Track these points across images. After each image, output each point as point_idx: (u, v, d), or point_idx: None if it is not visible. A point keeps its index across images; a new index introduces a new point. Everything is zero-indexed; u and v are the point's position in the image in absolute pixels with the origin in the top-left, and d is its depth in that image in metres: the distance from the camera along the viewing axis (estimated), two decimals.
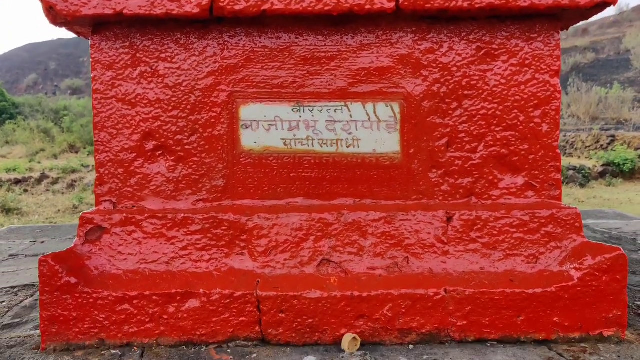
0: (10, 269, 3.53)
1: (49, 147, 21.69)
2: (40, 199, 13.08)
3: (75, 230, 4.89)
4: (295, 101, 2.28)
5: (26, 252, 4.11)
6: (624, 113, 20.88)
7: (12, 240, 4.62)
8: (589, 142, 18.06)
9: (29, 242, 4.56)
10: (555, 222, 2.20)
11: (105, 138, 2.28)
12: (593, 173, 14.97)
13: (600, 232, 4.32)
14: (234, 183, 2.30)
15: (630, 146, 16.68)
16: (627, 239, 4.03)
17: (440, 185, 2.28)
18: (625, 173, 14.92)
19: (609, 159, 15.30)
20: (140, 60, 2.26)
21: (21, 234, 4.95)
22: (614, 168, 15.01)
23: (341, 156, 2.29)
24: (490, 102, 2.25)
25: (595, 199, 12.67)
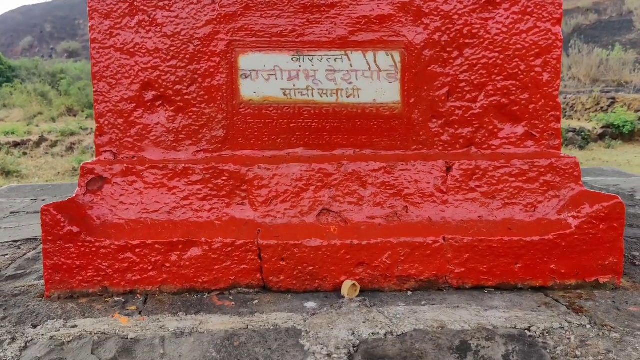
0: (12, 224, 3.56)
1: (46, 110, 21.57)
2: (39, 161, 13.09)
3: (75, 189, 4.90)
4: (294, 50, 2.26)
5: (27, 209, 4.14)
6: (625, 75, 20.72)
7: (13, 199, 4.64)
8: (589, 104, 17.97)
9: (30, 200, 4.58)
10: (554, 171, 2.21)
11: (104, 88, 2.26)
12: (592, 135, 14.96)
13: (598, 188, 4.34)
14: (233, 133, 2.30)
15: (630, 108, 16.61)
16: (625, 195, 4.05)
17: (440, 135, 2.28)
18: (624, 135, 14.90)
19: (608, 121, 15.26)
20: (138, 8, 2.23)
21: (22, 193, 4.97)
22: (614, 130, 14.99)
23: (341, 106, 2.28)
24: (492, 51, 2.23)
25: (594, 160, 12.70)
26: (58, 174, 11.67)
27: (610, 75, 21.10)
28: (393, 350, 1.68)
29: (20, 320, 1.95)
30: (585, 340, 1.73)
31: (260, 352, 1.70)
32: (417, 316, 1.90)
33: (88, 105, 21.43)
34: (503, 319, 1.87)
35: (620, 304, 2.01)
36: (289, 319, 1.91)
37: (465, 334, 1.77)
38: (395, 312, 1.94)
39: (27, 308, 2.05)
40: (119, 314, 1.98)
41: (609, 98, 17.70)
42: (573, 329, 1.80)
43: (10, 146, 14.15)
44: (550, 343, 1.72)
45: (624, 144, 14.77)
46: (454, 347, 1.70)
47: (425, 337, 1.76)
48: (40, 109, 21.53)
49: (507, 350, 1.68)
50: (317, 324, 1.86)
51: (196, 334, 1.81)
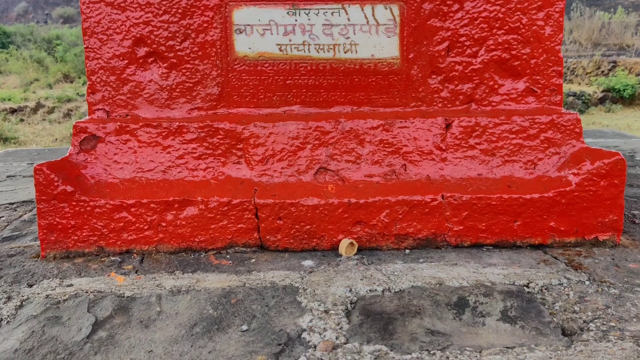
0: (9, 188, 3.53)
1: (43, 76, 21.37)
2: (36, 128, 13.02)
3: None
4: (290, 3, 2.19)
5: (24, 173, 4.11)
6: (627, 39, 20.48)
7: (9, 163, 4.61)
8: (590, 68, 17.81)
9: (27, 164, 4.55)
10: (555, 127, 2.17)
11: (95, 44, 2.21)
12: (593, 99, 14.86)
13: None
14: (228, 91, 2.25)
15: (632, 72, 16.47)
16: (626, 156, 4.02)
17: (440, 91, 2.23)
18: (625, 99, 14.80)
19: (609, 85, 15.15)
20: None
21: (18, 157, 4.93)
22: (614, 94, 14.89)
23: (338, 62, 2.23)
24: (493, 4, 2.17)
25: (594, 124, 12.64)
26: (56, 140, 11.62)
27: (611, 38, 20.86)
28: (390, 307, 1.67)
29: (15, 279, 1.94)
30: (583, 296, 1.72)
31: (257, 309, 1.69)
32: (414, 273, 1.89)
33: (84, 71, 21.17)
34: (501, 276, 1.85)
35: (620, 260, 2.00)
36: (286, 276, 1.90)
37: (463, 290, 1.76)
38: (393, 269, 1.93)
39: (23, 268, 2.04)
40: (115, 273, 1.96)
41: (610, 62, 17.53)
42: (572, 285, 1.79)
43: (7, 113, 14.06)
44: (548, 299, 1.71)
45: (624, 108, 14.69)
46: (451, 303, 1.69)
47: (423, 293, 1.75)
48: (36, 75, 21.33)
49: (505, 306, 1.67)
50: (315, 281, 1.84)
51: (193, 292, 1.79)
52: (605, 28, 20.95)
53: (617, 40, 20.40)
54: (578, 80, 17.64)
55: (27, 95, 16.38)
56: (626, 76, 15.54)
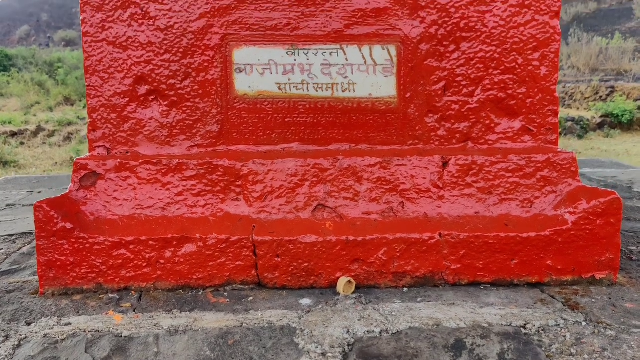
0: (8, 218, 3.54)
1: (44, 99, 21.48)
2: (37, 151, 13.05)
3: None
4: (289, 44, 2.23)
5: (23, 201, 4.12)
6: (624, 64, 20.65)
7: (9, 190, 4.62)
8: (588, 93, 17.93)
9: (26, 192, 4.56)
10: (551, 166, 2.19)
11: (97, 82, 2.24)
12: (591, 124, 14.94)
13: (596, 180, 4.33)
14: (228, 128, 2.27)
15: (630, 97, 16.58)
16: (623, 187, 4.04)
17: (437, 129, 2.26)
18: (623, 124, 14.88)
19: (607, 110, 15.24)
20: (130, 1, 2.20)
21: (18, 184, 4.95)
22: (613, 119, 14.97)
23: (337, 101, 2.26)
24: (489, 45, 2.20)
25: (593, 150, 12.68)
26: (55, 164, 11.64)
27: (609, 64, 21.03)
28: (388, 349, 1.67)
29: (14, 317, 1.94)
30: (580, 337, 1.73)
31: (254, 351, 1.69)
32: (412, 313, 1.89)
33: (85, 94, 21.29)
34: (499, 317, 1.86)
35: (616, 300, 2.00)
36: (284, 316, 1.90)
37: (460, 332, 1.76)
38: (391, 309, 1.93)
39: (21, 305, 2.04)
40: (113, 311, 1.97)
41: (608, 87, 17.66)
42: (569, 326, 1.80)
43: (8, 136, 14.11)
44: (545, 341, 1.71)
45: (622, 133, 14.76)
46: (449, 346, 1.69)
47: (420, 335, 1.75)
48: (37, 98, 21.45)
49: (502, 348, 1.67)
50: (312, 321, 1.85)
51: (190, 332, 1.80)
52: (603, 54, 21.14)
53: (614, 66, 20.57)
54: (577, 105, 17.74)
55: (28, 118, 16.45)
56: (624, 101, 15.64)
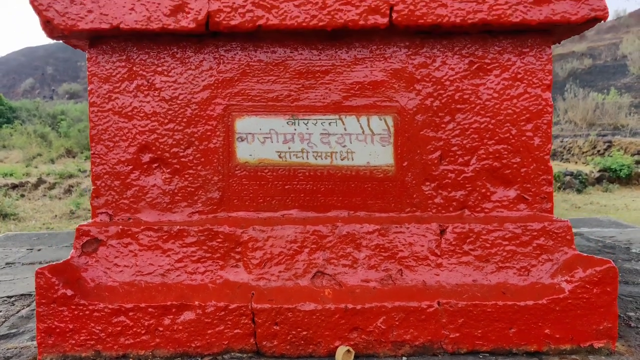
0: (7, 277, 3.54)
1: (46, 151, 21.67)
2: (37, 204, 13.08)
3: (71, 238, 4.90)
4: (290, 114, 2.30)
5: (23, 260, 4.12)
6: (621, 119, 20.95)
7: (9, 248, 4.63)
8: (586, 147, 18.12)
9: (26, 249, 4.57)
10: (546, 234, 2.22)
11: (102, 150, 2.30)
12: (590, 179, 15.03)
13: (594, 240, 4.35)
14: (229, 195, 2.32)
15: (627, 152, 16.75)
16: (621, 248, 4.06)
17: (434, 197, 2.30)
18: (622, 179, 14.98)
19: (605, 164, 15.37)
20: (136, 73, 2.28)
21: (18, 242, 4.96)
22: (611, 174, 15.07)
23: (335, 169, 2.31)
24: (483, 116, 2.27)
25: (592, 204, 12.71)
26: (55, 217, 11.65)
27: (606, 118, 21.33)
28: None
29: None
30: None
31: None
32: None
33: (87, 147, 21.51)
34: None
35: None
36: None
37: None
38: None
39: None
40: None
41: (606, 141, 17.86)
42: None
43: (9, 188, 14.16)
44: None
45: (621, 188, 14.82)
46: None
47: None
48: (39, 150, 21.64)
49: None
50: None
51: None
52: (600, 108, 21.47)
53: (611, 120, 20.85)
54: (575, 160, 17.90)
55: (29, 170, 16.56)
56: (622, 156, 15.79)
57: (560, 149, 18.47)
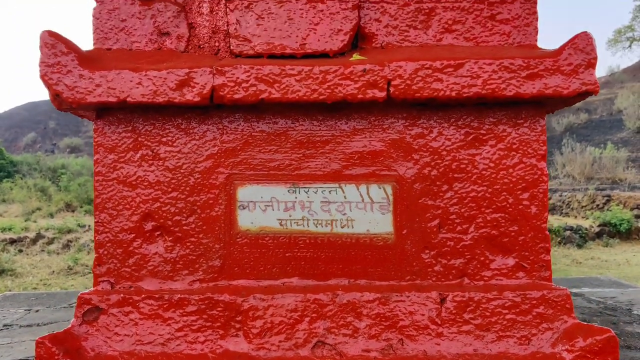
0: (5, 340, 3.51)
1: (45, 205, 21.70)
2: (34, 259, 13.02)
3: (69, 298, 4.88)
4: (291, 183, 2.35)
5: (20, 322, 4.09)
6: (619, 173, 21.11)
7: (7, 309, 4.60)
8: (585, 202, 18.19)
9: (24, 310, 4.54)
10: (546, 303, 2.23)
11: (105, 219, 2.33)
12: (590, 233, 15.03)
13: (595, 301, 4.33)
14: (230, 263, 2.34)
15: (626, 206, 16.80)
16: (623, 309, 4.04)
17: (433, 265, 2.32)
18: (622, 233, 14.99)
19: (605, 219, 15.39)
20: (141, 143, 2.34)
21: (15, 302, 4.93)
22: (611, 228, 15.09)
23: (336, 236, 2.34)
24: (480, 185, 2.32)
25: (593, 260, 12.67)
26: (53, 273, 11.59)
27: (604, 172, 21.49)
28: None
29: None
30: None
31: None
32: None
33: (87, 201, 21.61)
34: None
35: None
36: None
37: None
38: None
39: None
40: None
41: (605, 196, 17.93)
42: None
43: (7, 243, 14.13)
44: None
45: (622, 242, 14.81)
46: None
47: None
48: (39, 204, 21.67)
49: None
50: None
51: None
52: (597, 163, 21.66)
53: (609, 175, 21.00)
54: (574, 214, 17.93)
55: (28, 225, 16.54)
56: (621, 210, 15.83)
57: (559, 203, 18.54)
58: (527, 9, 2.40)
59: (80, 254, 12.92)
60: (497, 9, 2.41)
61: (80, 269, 11.70)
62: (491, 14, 2.41)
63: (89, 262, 11.93)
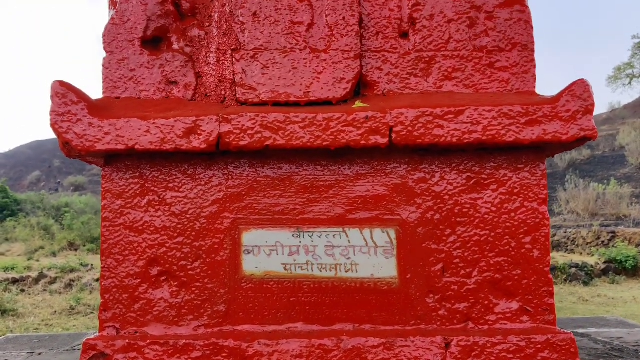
0: None
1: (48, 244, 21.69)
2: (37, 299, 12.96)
3: (72, 340, 4.87)
4: (295, 227, 2.37)
5: None
6: (623, 209, 21.05)
7: (9, 351, 4.58)
8: (590, 238, 18.10)
9: (27, 353, 4.52)
10: (551, 347, 2.23)
11: (112, 264, 2.35)
12: (596, 270, 14.92)
13: (602, 342, 4.29)
14: (235, 308, 2.35)
15: (631, 242, 16.72)
16: (630, 351, 4.00)
17: (438, 310, 2.33)
18: (628, 270, 14.87)
19: (610, 256, 15.30)
20: (148, 189, 2.38)
21: (18, 344, 4.90)
22: (617, 265, 14.99)
23: (340, 281, 2.35)
24: (482, 229, 2.34)
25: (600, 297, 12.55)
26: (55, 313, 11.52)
27: (608, 209, 21.43)
28: None
29: None
30: None
31: None
32: None
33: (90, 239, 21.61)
34: None
35: None
36: None
37: None
38: None
39: None
40: None
41: (609, 232, 17.85)
42: None
43: (9, 283, 14.09)
44: None
45: (628, 279, 14.68)
46: None
47: None
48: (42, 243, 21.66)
49: None
50: None
51: None
52: (601, 199, 21.62)
53: (613, 211, 20.94)
54: (579, 251, 17.83)
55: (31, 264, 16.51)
56: (626, 247, 15.74)
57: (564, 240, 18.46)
58: (525, 57, 2.47)
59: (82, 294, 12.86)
60: (496, 57, 2.47)
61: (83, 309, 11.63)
62: (490, 62, 2.47)
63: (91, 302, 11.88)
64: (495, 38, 2.49)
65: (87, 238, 21.92)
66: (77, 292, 13.14)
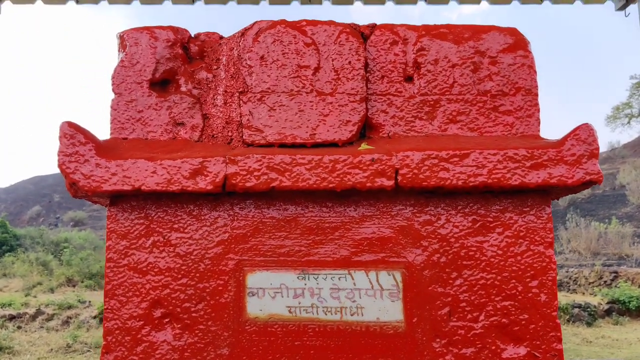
0: None
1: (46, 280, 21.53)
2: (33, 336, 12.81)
3: None
4: (300, 269, 2.36)
5: None
6: (625, 248, 20.96)
7: None
8: (592, 278, 17.97)
9: None
10: None
11: (115, 306, 2.33)
12: (599, 311, 14.76)
13: None
14: (238, 352, 2.31)
15: (634, 283, 16.59)
16: None
17: (444, 355, 2.30)
18: (631, 311, 14.72)
19: (613, 296, 15.17)
20: (153, 230, 2.38)
21: None
22: (620, 306, 14.84)
23: (345, 324, 2.33)
24: (489, 272, 2.33)
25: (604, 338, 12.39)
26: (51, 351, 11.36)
27: (610, 248, 21.34)
28: None
29: None
30: None
31: None
32: None
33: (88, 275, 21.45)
34: None
35: None
36: None
37: None
38: None
39: None
40: None
41: (612, 272, 17.73)
42: None
43: (6, 319, 13.93)
44: None
45: (632, 320, 14.52)
46: None
47: None
48: (40, 278, 21.50)
49: None
50: None
51: None
52: (603, 238, 21.55)
53: (615, 250, 20.85)
54: (582, 290, 17.68)
55: (28, 300, 16.36)
56: (629, 287, 15.62)
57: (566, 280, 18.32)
58: (529, 101, 2.50)
59: (79, 331, 12.70)
60: (500, 101, 2.50)
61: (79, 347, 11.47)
62: (494, 105, 2.50)
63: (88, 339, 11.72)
64: (499, 82, 2.52)
65: (85, 274, 21.77)
66: (74, 329, 12.98)
